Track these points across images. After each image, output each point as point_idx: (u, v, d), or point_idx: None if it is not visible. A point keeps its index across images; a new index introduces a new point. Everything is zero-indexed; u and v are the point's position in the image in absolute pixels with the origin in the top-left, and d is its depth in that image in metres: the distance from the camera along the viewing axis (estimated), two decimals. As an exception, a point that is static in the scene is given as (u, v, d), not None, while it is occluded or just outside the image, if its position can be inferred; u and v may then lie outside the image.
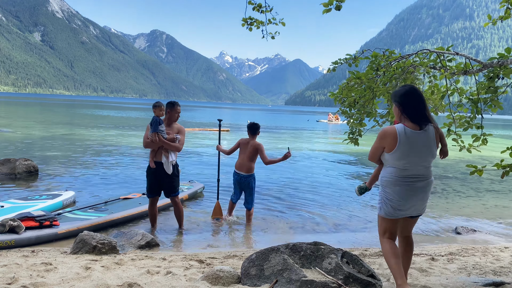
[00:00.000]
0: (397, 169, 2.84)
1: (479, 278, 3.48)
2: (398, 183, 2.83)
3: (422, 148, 2.80)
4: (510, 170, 3.21)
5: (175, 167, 5.25)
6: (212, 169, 10.71)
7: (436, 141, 2.87)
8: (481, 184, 10.13)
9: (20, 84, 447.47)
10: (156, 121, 5.01)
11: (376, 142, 2.90)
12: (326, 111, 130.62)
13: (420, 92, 2.92)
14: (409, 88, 2.91)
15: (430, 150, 2.83)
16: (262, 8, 4.36)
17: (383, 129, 2.91)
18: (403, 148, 2.78)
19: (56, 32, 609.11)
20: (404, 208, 2.86)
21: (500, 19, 3.62)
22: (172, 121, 5.27)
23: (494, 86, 3.30)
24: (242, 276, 3.03)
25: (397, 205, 2.84)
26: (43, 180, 8.31)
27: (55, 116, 34.57)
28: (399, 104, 2.87)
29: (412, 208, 2.88)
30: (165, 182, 5.20)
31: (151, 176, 5.22)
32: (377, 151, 2.93)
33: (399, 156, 2.80)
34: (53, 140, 15.88)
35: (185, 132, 5.39)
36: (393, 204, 2.85)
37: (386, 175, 2.91)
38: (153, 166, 5.14)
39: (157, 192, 5.30)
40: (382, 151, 2.90)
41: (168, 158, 5.10)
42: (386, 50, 4.01)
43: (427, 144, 2.81)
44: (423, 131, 2.80)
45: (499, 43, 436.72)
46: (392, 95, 3.00)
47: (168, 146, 5.07)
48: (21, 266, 3.42)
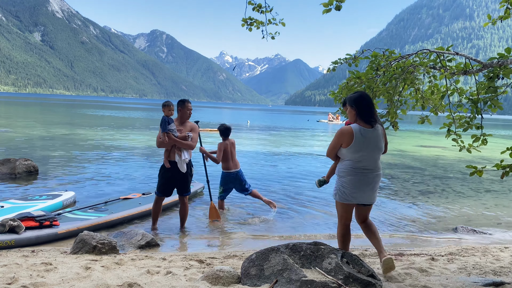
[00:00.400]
0: (353, 161, 3.39)
1: (479, 278, 3.48)
2: (353, 174, 3.39)
3: (373, 144, 3.38)
4: (510, 170, 3.21)
5: (188, 166, 5.23)
6: (212, 169, 10.71)
7: (383, 138, 3.47)
8: (481, 184, 10.13)
9: (20, 84, 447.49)
10: (165, 121, 5.01)
11: (335, 140, 3.46)
12: (326, 111, 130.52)
13: (370, 98, 3.48)
14: (362, 93, 3.46)
15: (379, 145, 3.42)
16: (262, 9, 4.35)
17: (341, 128, 3.43)
18: (358, 143, 3.34)
19: (56, 32, 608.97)
20: (357, 196, 3.42)
21: (500, 19, 3.62)
22: (184, 119, 5.27)
23: (494, 86, 3.30)
24: (242, 276, 3.03)
25: (351, 192, 3.41)
26: (43, 180, 8.31)
27: (55, 116, 34.57)
28: (355, 107, 3.39)
29: (364, 196, 3.44)
30: (179, 181, 5.21)
31: (164, 175, 5.21)
32: (335, 147, 3.48)
33: (355, 150, 3.35)
34: (53, 140, 15.88)
35: (198, 131, 5.40)
36: (347, 191, 3.42)
37: (342, 167, 3.46)
38: (168, 165, 5.14)
39: (167, 193, 5.28)
40: (339, 147, 3.45)
41: (181, 156, 5.08)
42: (386, 50, 4.01)
43: (377, 140, 3.39)
44: (374, 129, 3.38)
45: (499, 43, 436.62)
46: (347, 100, 3.49)
47: (181, 144, 5.06)
48: (21, 266, 3.42)
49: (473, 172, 3.35)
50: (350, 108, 3.44)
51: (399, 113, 4.15)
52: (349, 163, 3.40)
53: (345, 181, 3.42)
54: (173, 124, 5.10)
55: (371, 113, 3.39)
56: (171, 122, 5.08)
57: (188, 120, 5.34)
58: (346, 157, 3.43)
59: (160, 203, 5.39)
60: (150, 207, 5.92)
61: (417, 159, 15.12)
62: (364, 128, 3.36)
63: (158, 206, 5.40)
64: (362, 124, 3.38)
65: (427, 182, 10.26)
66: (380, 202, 7.78)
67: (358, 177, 3.38)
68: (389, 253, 4.38)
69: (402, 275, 3.56)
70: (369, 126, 3.37)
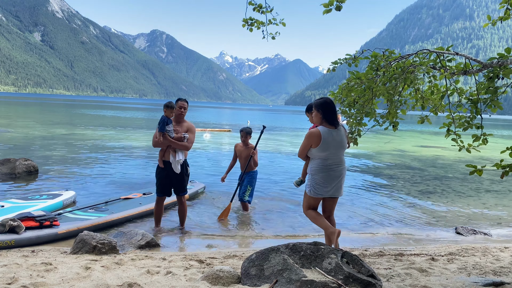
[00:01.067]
0: (322, 159, 3.87)
1: (479, 278, 3.48)
2: (323, 171, 3.87)
3: (338, 142, 3.88)
4: (509, 170, 3.21)
5: (183, 166, 5.23)
6: (212, 169, 10.72)
7: (346, 136, 3.98)
8: (481, 184, 10.13)
9: (20, 84, 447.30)
10: (163, 121, 5.01)
11: (305, 141, 3.90)
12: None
13: (333, 103, 3.98)
14: (327, 99, 3.97)
15: (343, 143, 3.93)
16: (262, 9, 4.36)
17: (310, 131, 3.91)
18: (325, 143, 3.81)
19: (56, 32, 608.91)
20: (328, 190, 3.91)
21: (500, 20, 3.61)
22: (179, 118, 5.24)
23: (494, 86, 3.29)
24: (242, 276, 3.03)
25: (323, 187, 3.89)
26: (43, 180, 8.31)
27: (55, 116, 34.57)
28: (321, 111, 3.88)
29: (334, 189, 3.93)
30: (174, 181, 5.22)
31: (160, 175, 5.22)
32: (306, 148, 3.93)
33: (323, 149, 3.82)
34: (53, 140, 15.88)
35: (195, 131, 5.37)
36: (320, 187, 3.89)
37: (314, 166, 3.92)
38: (161, 165, 5.14)
39: (166, 192, 5.29)
40: (309, 148, 3.90)
41: (176, 157, 5.08)
42: (386, 50, 4.00)
43: (340, 138, 3.90)
44: (337, 130, 3.89)
45: (499, 43, 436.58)
46: (314, 105, 3.97)
47: (176, 145, 5.06)
48: (21, 266, 3.42)
49: (472, 172, 3.35)
50: (316, 112, 3.92)
51: (399, 113, 4.15)
52: (319, 162, 3.89)
53: (318, 178, 3.90)
54: (171, 125, 5.09)
55: (334, 116, 3.89)
56: (170, 123, 5.08)
57: (184, 120, 5.31)
58: (316, 156, 3.90)
59: (161, 204, 5.39)
60: (150, 207, 5.92)
61: (417, 159, 15.11)
62: (329, 129, 3.86)
63: (159, 206, 5.40)
64: (327, 125, 3.87)
65: (427, 182, 10.26)
66: (380, 202, 7.78)
67: (328, 173, 3.88)
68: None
69: (402, 275, 3.56)
70: (333, 127, 3.88)
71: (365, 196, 8.24)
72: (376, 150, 17.65)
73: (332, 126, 3.86)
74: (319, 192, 3.91)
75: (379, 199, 8.05)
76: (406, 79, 3.79)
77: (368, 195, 8.40)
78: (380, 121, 4.15)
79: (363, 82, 3.98)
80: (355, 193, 8.45)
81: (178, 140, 5.08)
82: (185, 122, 5.29)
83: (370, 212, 6.99)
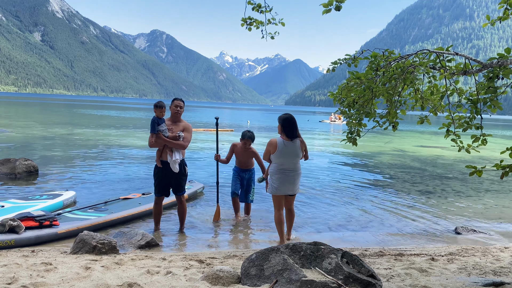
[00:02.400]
0: (277, 164, 4.76)
1: (479, 278, 3.48)
2: (279, 173, 4.74)
3: (292, 152, 4.74)
4: (509, 170, 3.21)
5: (181, 166, 5.22)
6: (211, 169, 10.71)
7: (301, 149, 4.78)
8: (481, 184, 10.13)
9: (20, 84, 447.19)
10: (154, 122, 5.00)
11: (266, 147, 4.79)
12: (326, 111, 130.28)
13: (294, 119, 4.79)
14: (288, 116, 4.81)
15: (297, 153, 4.76)
16: (261, 8, 4.35)
17: (270, 140, 4.79)
18: (280, 151, 4.70)
19: (56, 32, 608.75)
20: (282, 189, 4.77)
21: (499, 20, 3.61)
22: (176, 118, 5.22)
23: (493, 86, 3.29)
24: (242, 276, 3.03)
25: (278, 187, 4.76)
26: (43, 180, 8.31)
27: (55, 116, 34.57)
28: (281, 125, 4.77)
29: (287, 189, 4.79)
30: (172, 181, 5.21)
31: (158, 175, 5.21)
32: (267, 153, 4.82)
33: (278, 156, 4.72)
34: (53, 140, 15.88)
35: (192, 130, 5.35)
36: (276, 186, 4.77)
37: (272, 168, 4.82)
38: (159, 165, 5.14)
39: (164, 192, 5.28)
40: (270, 153, 4.77)
41: (172, 157, 5.07)
42: (385, 50, 4.00)
43: (294, 150, 4.74)
44: (293, 142, 4.74)
45: (499, 43, 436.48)
46: (278, 118, 4.84)
47: (171, 144, 5.05)
48: (21, 266, 3.42)
49: (472, 172, 3.35)
50: (279, 124, 4.82)
51: (399, 113, 4.15)
52: (276, 165, 4.78)
53: (274, 179, 4.78)
54: (163, 124, 5.07)
55: (292, 131, 4.73)
56: (161, 123, 5.06)
57: (180, 119, 5.27)
58: (274, 161, 4.79)
59: (159, 204, 5.39)
60: (150, 207, 5.92)
61: (417, 159, 15.11)
62: (285, 141, 4.73)
63: (158, 207, 5.40)
64: (284, 137, 4.76)
65: (427, 182, 10.26)
66: (380, 202, 7.78)
67: (282, 175, 4.74)
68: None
69: (402, 275, 3.56)
70: (289, 140, 4.74)
71: (365, 196, 8.24)
72: (376, 150, 17.65)
73: (288, 139, 4.74)
74: (275, 191, 4.79)
75: (379, 199, 8.06)
76: (405, 79, 3.78)
77: (368, 195, 8.40)
78: (380, 122, 4.14)
79: (362, 82, 3.97)
80: (355, 193, 8.46)
81: (173, 139, 5.07)
82: (182, 121, 5.28)
83: (370, 212, 6.99)
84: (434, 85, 4.08)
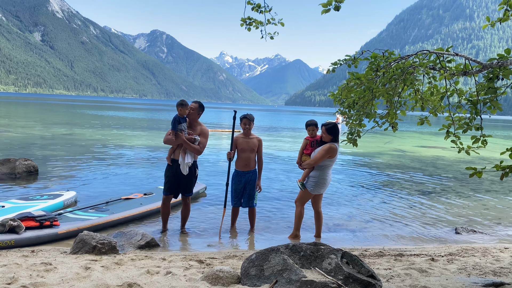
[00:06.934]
0: (327, 167, 5.18)
1: (479, 279, 3.48)
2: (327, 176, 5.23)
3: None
4: (509, 171, 3.21)
5: (192, 168, 5.17)
6: (213, 169, 10.71)
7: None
8: (480, 184, 10.14)
9: (20, 84, 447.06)
10: (175, 120, 4.99)
11: (326, 152, 5.05)
12: (326, 111, 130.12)
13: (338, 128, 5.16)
14: (335, 123, 5.13)
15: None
16: (261, 8, 4.35)
17: (332, 145, 5.08)
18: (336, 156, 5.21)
19: (56, 32, 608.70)
20: (318, 190, 5.23)
21: (499, 21, 3.61)
22: (192, 120, 5.19)
23: (493, 87, 3.29)
24: (242, 276, 3.03)
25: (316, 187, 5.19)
26: (43, 180, 8.31)
27: (55, 116, 34.56)
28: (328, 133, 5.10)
29: (322, 189, 5.26)
30: (182, 181, 5.17)
31: (168, 173, 5.18)
32: (324, 157, 5.07)
33: (333, 160, 5.21)
34: (53, 140, 15.88)
35: (208, 135, 5.29)
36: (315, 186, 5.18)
37: (319, 170, 5.16)
38: (169, 162, 5.13)
39: (174, 191, 5.23)
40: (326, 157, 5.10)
41: (184, 159, 5.04)
42: (385, 51, 4.00)
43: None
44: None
45: (499, 43, 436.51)
46: (322, 125, 5.17)
47: (188, 146, 5.01)
48: (21, 266, 3.42)
49: (472, 174, 3.35)
50: (324, 132, 5.15)
51: (399, 114, 4.15)
52: (325, 168, 5.17)
53: (318, 180, 5.17)
54: (185, 124, 5.06)
55: (337, 138, 5.12)
56: (183, 122, 5.05)
57: (198, 122, 5.25)
58: (325, 164, 5.18)
59: (167, 203, 5.31)
60: (151, 208, 5.92)
61: (417, 159, 15.12)
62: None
63: (166, 206, 5.32)
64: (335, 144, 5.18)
65: (427, 182, 10.27)
66: (380, 202, 7.78)
67: (328, 178, 5.26)
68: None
69: (402, 276, 3.56)
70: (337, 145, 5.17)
71: (365, 196, 8.24)
72: (376, 150, 17.65)
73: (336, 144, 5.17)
74: (313, 189, 5.16)
75: (379, 199, 8.06)
76: (405, 80, 3.78)
77: (368, 195, 8.41)
78: (379, 122, 4.14)
79: (362, 83, 3.97)
80: (355, 193, 8.46)
81: (189, 141, 5.04)
82: (199, 125, 5.24)
83: (370, 212, 6.99)
84: (434, 85, 4.08)
